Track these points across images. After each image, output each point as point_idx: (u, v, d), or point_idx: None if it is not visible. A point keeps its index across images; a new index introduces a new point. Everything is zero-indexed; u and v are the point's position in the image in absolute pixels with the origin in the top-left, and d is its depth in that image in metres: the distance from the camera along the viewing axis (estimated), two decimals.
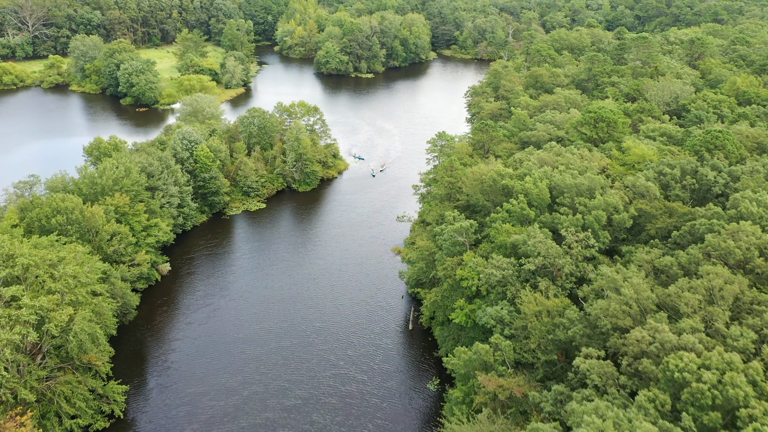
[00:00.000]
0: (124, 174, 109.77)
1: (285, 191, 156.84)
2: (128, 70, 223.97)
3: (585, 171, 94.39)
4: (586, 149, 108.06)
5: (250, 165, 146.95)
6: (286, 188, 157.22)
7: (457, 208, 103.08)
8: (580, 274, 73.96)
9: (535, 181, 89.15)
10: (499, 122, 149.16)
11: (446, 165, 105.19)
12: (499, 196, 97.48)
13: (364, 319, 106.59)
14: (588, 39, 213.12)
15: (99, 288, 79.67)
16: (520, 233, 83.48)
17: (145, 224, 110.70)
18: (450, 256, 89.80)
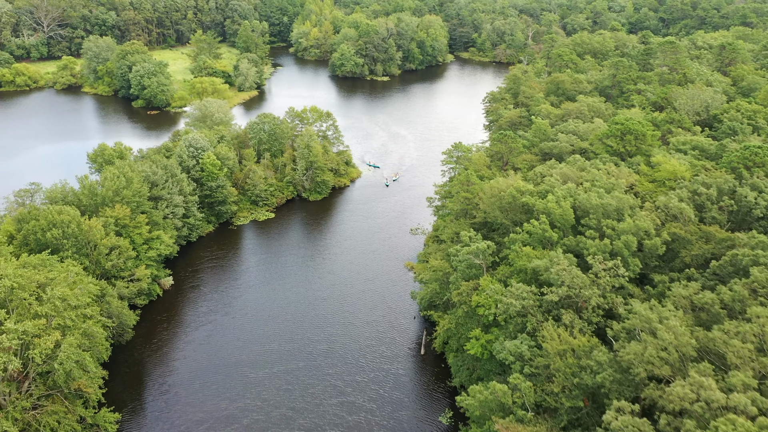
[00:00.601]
0: (125, 184, 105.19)
1: (295, 200, 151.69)
2: (140, 72, 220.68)
3: (612, 189, 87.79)
4: (613, 164, 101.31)
5: (259, 173, 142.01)
6: (296, 197, 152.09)
7: (474, 225, 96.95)
8: (608, 306, 67.53)
9: (558, 200, 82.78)
10: (518, 131, 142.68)
11: (462, 179, 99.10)
12: (519, 214, 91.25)
13: (374, 340, 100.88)
14: (612, 43, 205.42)
15: (90, 311, 74.77)
16: (541, 257, 77.23)
17: (147, 237, 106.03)
18: (465, 280, 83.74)
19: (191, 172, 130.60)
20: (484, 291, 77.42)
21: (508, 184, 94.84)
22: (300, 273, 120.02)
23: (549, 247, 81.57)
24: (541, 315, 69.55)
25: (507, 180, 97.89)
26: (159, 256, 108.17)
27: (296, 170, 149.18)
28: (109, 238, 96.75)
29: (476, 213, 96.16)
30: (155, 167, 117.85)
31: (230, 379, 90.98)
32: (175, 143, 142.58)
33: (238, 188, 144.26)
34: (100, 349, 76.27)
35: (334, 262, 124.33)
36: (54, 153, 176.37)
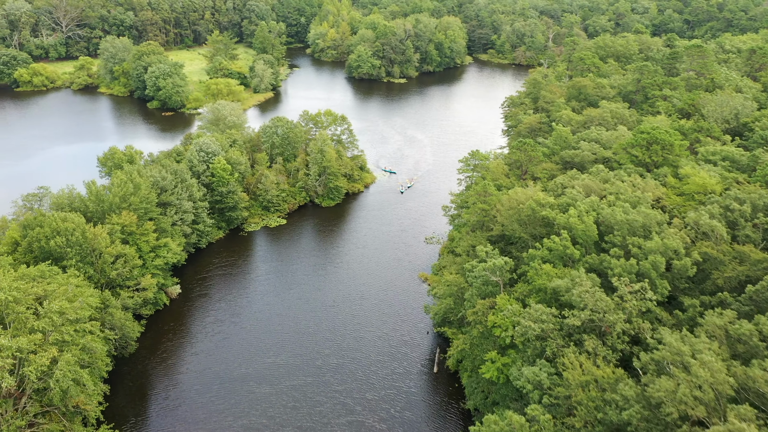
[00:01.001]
0: (132, 190, 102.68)
1: (307, 206, 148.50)
2: (155, 73, 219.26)
3: (637, 203, 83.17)
4: (638, 175, 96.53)
5: (271, 178, 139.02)
6: (308, 203, 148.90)
7: (491, 239, 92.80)
8: (634, 332, 63.07)
9: (581, 214, 78.36)
10: (538, 138, 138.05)
11: (479, 189, 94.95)
12: (539, 227, 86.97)
13: (385, 356, 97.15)
14: (635, 46, 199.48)
15: (90, 326, 72.01)
16: (562, 276, 72.94)
17: (154, 244, 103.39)
18: (481, 297, 79.70)
19: (201, 177, 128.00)
20: (501, 311, 73.33)
21: (528, 196, 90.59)
22: (311, 282, 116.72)
23: (570, 264, 77.25)
24: (562, 339, 65.30)
25: (526, 191, 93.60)
26: (166, 265, 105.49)
27: (309, 175, 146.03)
28: (114, 246, 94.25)
29: (493, 226, 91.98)
30: (164, 172, 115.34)
31: (235, 395, 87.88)
32: (187, 147, 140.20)
33: (250, 193, 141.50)
34: (99, 365, 73.48)
35: (346, 272, 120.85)
36: (68, 154, 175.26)
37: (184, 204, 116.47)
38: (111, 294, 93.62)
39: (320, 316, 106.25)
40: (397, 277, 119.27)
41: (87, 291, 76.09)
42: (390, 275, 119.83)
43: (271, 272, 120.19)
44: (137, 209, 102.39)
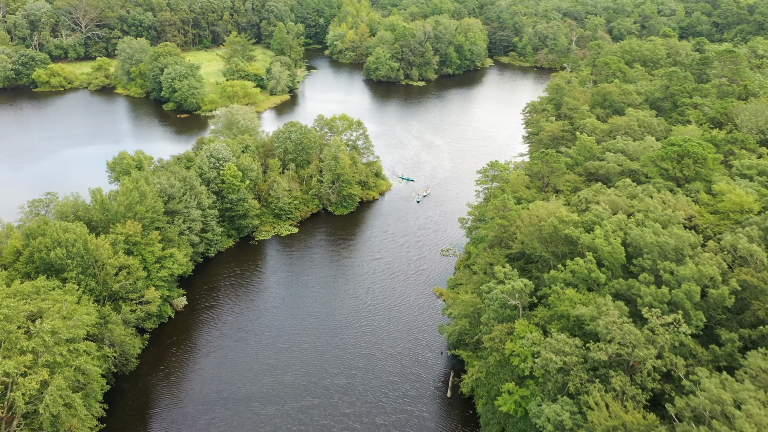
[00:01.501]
0: (138, 199, 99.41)
1: (320, 214, 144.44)
2: (171, 74, 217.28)
3: (668, 222, 77.50)
4: (668, 191, 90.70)
5: (283, 185, 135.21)
6: (321, 210, 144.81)
7: (509, 256, 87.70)
8: (666, 369, 57.68)
9: (607, 234, 72.98)
10: (561, 147, 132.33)
11: (498, 204, 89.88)
12: (561, 246, 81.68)
13: (397, 377, 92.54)
14: (663, 51, 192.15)
15: (84, 345, 68.50)
16: (587, 302, 67.72)
17: (159, 255, 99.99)
18: (498, 321, 74.71)
19: (211, 185, 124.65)
20: (520, 338, 68.32)
21: (549, 212, 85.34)
22: (321, 296, 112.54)
23: (595, 288, 71.96)
24: (586, 374, 60.14)
25: (548, 205, 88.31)
26: (171, 276, 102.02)
27: (322, 183, 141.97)
28: (117, 258, 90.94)
29: (512, 243, 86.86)
30: (173, 179, 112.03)
31: (239, 416, 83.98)
32: (198, 152, 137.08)
33: (262, 200, 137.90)
34: (94, 386, 69.93)
35: (358, 285, 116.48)
36: (81, 157, 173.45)
37: (192, 212, 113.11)
38: (113, 307, 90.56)
39: (330, 333, 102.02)
40: (411, 291, 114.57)
41: (82, 309, 72.60)
42: (403, 289, 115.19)
43: (281, 284, 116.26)
44: (143, 218, 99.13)
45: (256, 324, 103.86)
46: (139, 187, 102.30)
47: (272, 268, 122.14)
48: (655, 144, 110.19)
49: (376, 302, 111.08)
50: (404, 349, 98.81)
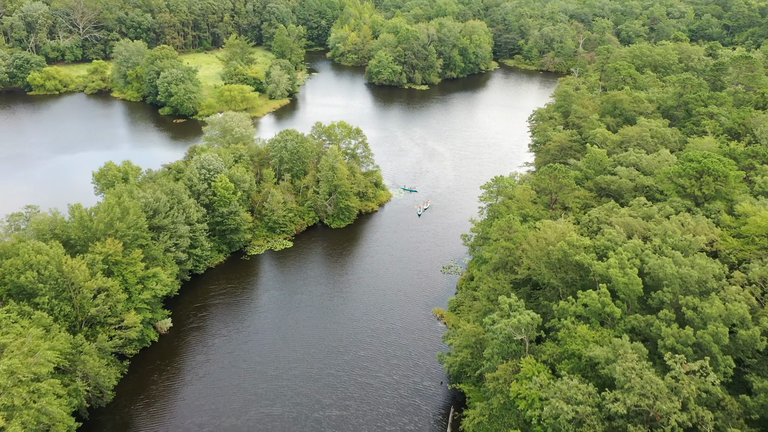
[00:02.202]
0: (119, 215, 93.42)
1: (316, 227, 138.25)
2: (167, 78, 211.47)
3: (688, 249, 71.03)
4: (686, 210, 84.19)
5: (278, 197, 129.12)
6: (317, 223, 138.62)
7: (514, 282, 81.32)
8: (692, 424, 51.24)
9: (623, 264, 66.51)
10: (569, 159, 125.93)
11: (503, 225, 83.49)
12: (571, 272, 75.31)
13: (394, 408, 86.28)
14: (674, 55, 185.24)
15: (47, 384, 62.46)
16: (601, 340, 61.30)
17: (142, 275, 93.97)
18: (503, 357, 68.35)
19: (201, 197, 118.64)
20: (527, 378, 61.97)
21: (559, 234, 78.92)
22: (315, 317, 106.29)
23: (609, 323, 65.51)
24: (601, 425, 53.72)
25: (557, 226, 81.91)
26: (154, 298, 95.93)
27: (318, 194, 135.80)
28: (95, 280, 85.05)
29: (518, 268, 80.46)
30: (158, 193, 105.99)
31: None
32: (188, 162, 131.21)
33: (255, 213, 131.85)
34: (59, 429, 63.85)
35: (355, 305, 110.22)
36: (70, 164, 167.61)
37: (179, 228, 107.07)
38: (90, 332, 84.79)
39: (323, 359, 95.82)
40: (410, 311, 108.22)
41: (47, 344, 66.45)
42: (402, 310, 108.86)
43: (273, 303, 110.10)
44: (124, 236, 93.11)
45: (245, 348, 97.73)
46: (121, 203, 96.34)
47: (264, 286, 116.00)
48: (671, 158, 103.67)
49: (373, 324, 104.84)
50: (402, 377, 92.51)
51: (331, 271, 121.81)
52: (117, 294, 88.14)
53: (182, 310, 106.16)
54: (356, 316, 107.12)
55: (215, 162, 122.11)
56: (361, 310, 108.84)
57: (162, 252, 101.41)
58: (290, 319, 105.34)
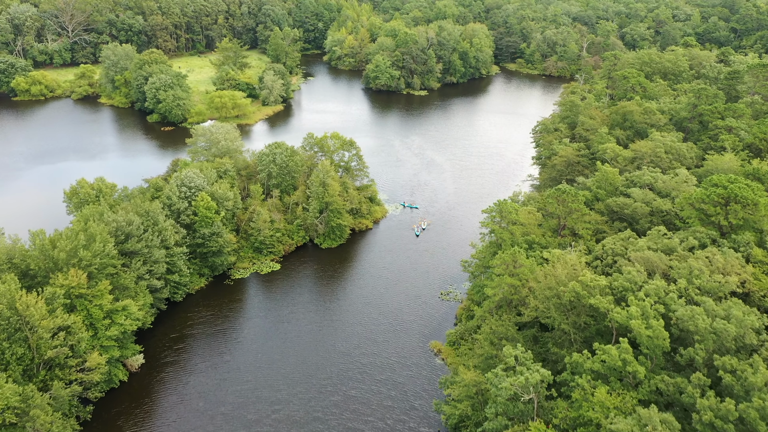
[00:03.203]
0: (84, 242, 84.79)
1: (306, 246, 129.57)
2: (155, 84, 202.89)
3: (718, 290, 62.42)
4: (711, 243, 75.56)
5: (264, 216, 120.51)
6: (308, 242, 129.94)
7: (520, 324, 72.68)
8: None
9: (646, 314, 57.85)
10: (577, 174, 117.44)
11: (507, 258, 74.82)
12: (585, 316, 66.66)
13: None
14: (685, 62, 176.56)
15: None
16: (623, 407, 52.62)
17: (109, 309, 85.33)
18: (507, 418, 59.66)
19: (182, 216, 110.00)
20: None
21: (569, 271, 70.29)
22: (303, 351, 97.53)
23: (631, 383, 56.82)
24: None
25: (567, 260, 73.26)
26: (123, 333, 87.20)
27: (308, 211, 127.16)
28: (53, 318, 76.44)
29: (524, 309, 71.80)
30: (131, 215, 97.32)
31: None
32: (170, 177, 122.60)
33: (241, 232, 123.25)
34: None
35: (346, 336, 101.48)
36: (49, 176, 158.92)
37: (154, 253, 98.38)
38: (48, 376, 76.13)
39: (310, 400, 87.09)
40: (406, 345, 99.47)
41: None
42: (397, 342, 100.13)
43: (256, 334, 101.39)
44: (89, 265, 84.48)
45: (223, 387, 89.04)
46: (87, 228, 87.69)
47: (248, 314, 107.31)
48: (690, 179, 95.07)
49: (365, 358, 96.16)
50: (396, 422, 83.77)
51: (320, 296, 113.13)
52: (79, 332, 79.64)
53: (157, 343, 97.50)
54: (347, 349, 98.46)
55: (197, 179, 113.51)
56: (353, 342, 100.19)
57: (134, 281, 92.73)
58: (275, 353, 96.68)
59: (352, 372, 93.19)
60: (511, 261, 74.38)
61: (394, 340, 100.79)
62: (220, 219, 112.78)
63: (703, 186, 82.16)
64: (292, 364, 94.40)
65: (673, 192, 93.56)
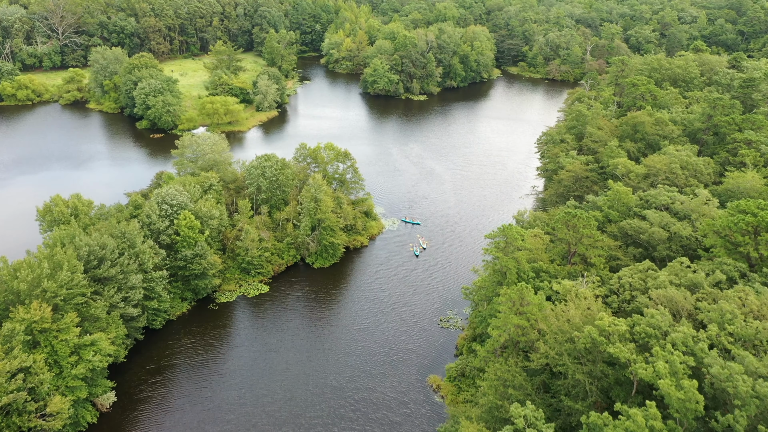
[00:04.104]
0: (48, 272, 77.31)
1: (298, 266, 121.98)
2: (145, 89, 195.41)
3: (755, 337, 54.92)
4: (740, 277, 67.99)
5: (252, 234, 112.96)
6: (299, 261, 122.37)
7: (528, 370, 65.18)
8: None
9: (674, 369, 50.32)
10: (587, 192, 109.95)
11: (513, 296, 67.21)
12: (601, 364, 59.12)
13: None
14: (695, 68, 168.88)
15: None
16: None
17: (76, 344, 77.83)
18: None
19: (162, 237, 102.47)
20: None
21: (583, 312, 62.79)
22: (291, 385, 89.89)
23: None
24: None
25: (580, 297, 65.73)
26: (91, 371, 79.58)
27: (299, 228, 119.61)
28: (10, 359, 68.96)
29: (533, 355, 64.20)
30: (105, 238, 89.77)
31: None
32: (151, 192, 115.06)
33: (227, 251, 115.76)
34: None
35: (339, 368, 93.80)
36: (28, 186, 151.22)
37: (130, 278, 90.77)
38: (2, 424, 68.57)
39: None
40: (403, 378, 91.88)
41: None
42: (393, 375, 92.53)
43: (241, 365, 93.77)
44: (55, 297, 77.00)
45: (202, 428, 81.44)
46: (53, 255, 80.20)
47: (233, 342, 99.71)
48: (712, 200, 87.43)
49: (358, 394, 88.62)
50: None
51: (311, 322, 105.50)
52: (41, 373, 72.13)
53: (131, 377, 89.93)
54: (339, 383, 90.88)
55: (179, 196, 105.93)
56: (346, 374, 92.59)
57: (106, 310, 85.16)
58: (260, 387, 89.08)
59: (345, 410, 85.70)
60: (518, 298, 66.83)
61: (391, 372, 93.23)
62: (204, 239, 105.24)
63: (729, 212, 74.57)
64: (279, 400, 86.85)
65: (692, 214, 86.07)
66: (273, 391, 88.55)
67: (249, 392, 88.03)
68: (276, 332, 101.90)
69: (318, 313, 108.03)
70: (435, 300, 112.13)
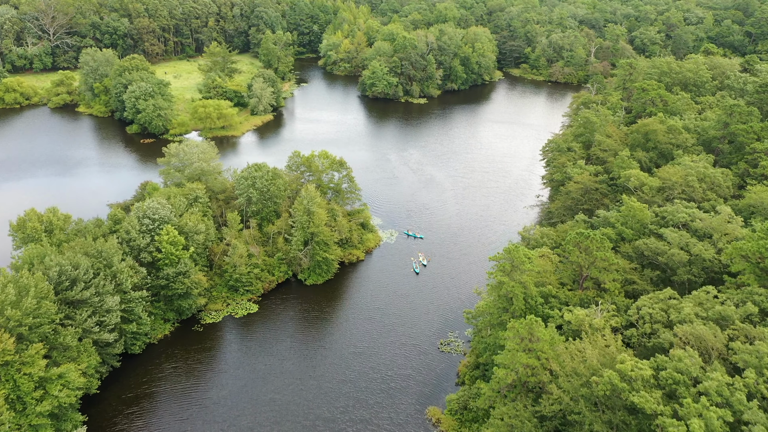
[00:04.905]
0: (12, 299, 70.61)
1: (289, 282, 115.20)
2: (135, 92, 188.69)
3: None
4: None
5: (241, 249, 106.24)
6: (291, 278, 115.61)
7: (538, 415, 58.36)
8: None
9: (711, 429, 43.56)
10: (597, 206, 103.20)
11: (522, 331, 60.37)
12: (621, 412, 52.34)
13: None
14: (706, 72, 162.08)
15: None
16: None
17: (41, 377, 71.15)
18: None
19: (142, 254, 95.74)
20: None
21: (601, 351, 56.02)
22: (280, 419, 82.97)
23: None
24: None
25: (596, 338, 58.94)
26: (59, 408, 72.84)
27: (290, 242, 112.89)
28: None
29: (545, 401, 57.37)
30: (79, 257, 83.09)
31: None
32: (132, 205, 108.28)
33: (214, 267, 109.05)
34: None
35: (332, 398, 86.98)
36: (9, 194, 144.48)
37: (106, 300, 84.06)
38: None
39: None
40: (400, 410, 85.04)
41: None
42: (390, 406, 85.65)
43: (225, 395, 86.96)
44: (19, 326, 70.31)
45: None
46: (19, 280, 73.51)
47: (218, 367, 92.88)
48: (735, 218, 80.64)
49: (352, 427, 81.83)
50: None
51: (303, 345, 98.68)
52: (1, 412, 65.39)
53: (105, 409, 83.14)
54: (333, 414, 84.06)
55: (161, 210, 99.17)
56: (339, 404, 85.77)
57: (77, 338, 78.42)
58: (246, 422, 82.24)
59: None
60: (527, 333, 60.08)
61: (387, 402, 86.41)
62: (188, 255, 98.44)
63: (760, 234, 67.78)
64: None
65: (714, 234, 79.34)
66: (259, 424, 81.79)
67: (232, 427, 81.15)
68: (264, 356, 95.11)
69: (310, 334, 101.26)
70: (435, 320, 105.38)
